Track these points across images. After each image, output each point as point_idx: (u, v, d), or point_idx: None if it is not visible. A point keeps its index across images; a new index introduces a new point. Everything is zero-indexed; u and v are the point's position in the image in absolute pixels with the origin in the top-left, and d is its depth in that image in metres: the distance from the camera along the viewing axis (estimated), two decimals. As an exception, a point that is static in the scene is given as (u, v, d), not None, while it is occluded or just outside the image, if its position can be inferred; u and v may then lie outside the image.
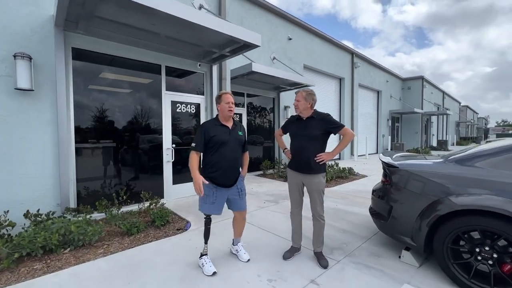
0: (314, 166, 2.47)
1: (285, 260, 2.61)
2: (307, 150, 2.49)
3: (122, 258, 2.68)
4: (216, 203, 2.41)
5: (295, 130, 2.62)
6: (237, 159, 2.49)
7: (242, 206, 2.55)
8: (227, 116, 2.44)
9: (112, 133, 4.24)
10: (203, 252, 2.53)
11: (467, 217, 2.09)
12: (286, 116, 8.71)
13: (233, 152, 2.42)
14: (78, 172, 3.86)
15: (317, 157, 2.47)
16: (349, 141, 2.52)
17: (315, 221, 2.59)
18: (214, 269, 2.38)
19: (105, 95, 4.17)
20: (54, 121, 3.53)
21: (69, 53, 3.70)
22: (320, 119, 2.51)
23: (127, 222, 3.28)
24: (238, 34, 3.92)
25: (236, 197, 2.50)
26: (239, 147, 2.50)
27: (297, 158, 2.58)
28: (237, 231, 2.71)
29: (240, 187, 2.52)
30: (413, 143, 17.96)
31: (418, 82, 18.42)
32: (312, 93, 2.53)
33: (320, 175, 2.51)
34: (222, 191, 2.43)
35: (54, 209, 3.41)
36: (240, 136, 2.51)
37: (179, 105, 5.04)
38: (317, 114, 2.55)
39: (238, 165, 2.52)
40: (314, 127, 2.49)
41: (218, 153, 2.36)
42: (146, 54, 4.49)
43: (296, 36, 9.16)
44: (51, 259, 2.64)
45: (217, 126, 2.42)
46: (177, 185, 5.00)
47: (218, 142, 2.35)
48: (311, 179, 2.51)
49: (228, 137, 2.40)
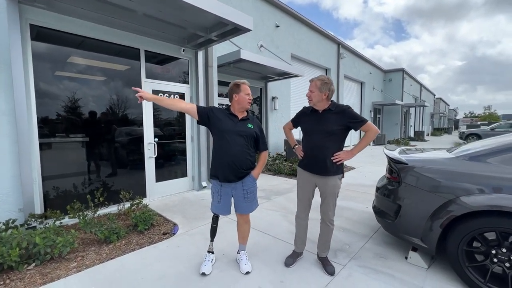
0: (331, 166, 2.16)
1: (288, 267, 2.37)
2: (324, 148, 2.16)
3: (100, 273, 2.30)
4: (221, 202, 2.20)
5: (310, 125, 2.27)
6: (242, 154, 2.13)
7: (244, 209, 2.27)
8: (244, 108, 2.21)
9: (84, 126, 3.71)
10: (208, 249, 2.41)
11: (487, 218, 1.95)
12: (274, 107, 8.42)
13: (236, 144, 2.10)
14: (44, 171, 3.33)
15: (334, 156, 2.15)
16: (373, 138, 2.18)
17: (323, 225, 2.34)
18: (205, 270, 2.23)
19: (76, 83, 3.60)
20: (11, 112, 2.96)
21: (26, 30, 3.11)
22: (339, 112, 2.15)
23: (104, 228, 2.87)
24: (227, 15, 3.50)
25: (241, 199, 2.22)
26: (245, 142, 2.15)
27: (312, 158, 2.24)
28: (240, 235, 2.43)
29: (246, 188, 2.21)
30: (394, 134, 18.50)
31: (399, 74, 18.83)
32: (328, 81, 2.15)
33: (336, 177, 2.21)
34: (227, 189, 2.19)
35: (15, 216, 2.92)
36: (248, 129, 2.18)
37: (161, 95, 4.56)
38: (335, 106, 2.19)
39: (243, 161, 2.14)
40: (332, 121, 2.14)
41: (220, 144, 2.16)
42: (122, 36, 3.95)
43: (284, 23, 8.79)
44: (11, 278, 2.20)
45: (226, 114, 2.21)
46: (161, 183, 4.58)
47: (220, 130, 2.14)
48: (326, 181, 2.20)
49: (232, 126, 2.14)
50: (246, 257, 2.40)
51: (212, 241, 2.40)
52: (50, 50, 3.38)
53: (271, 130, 8.52)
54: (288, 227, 3.27)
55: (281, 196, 4.66)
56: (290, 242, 2.80)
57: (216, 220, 2.38)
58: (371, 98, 16.60)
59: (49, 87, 3.38)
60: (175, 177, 4.85)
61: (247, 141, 2.16)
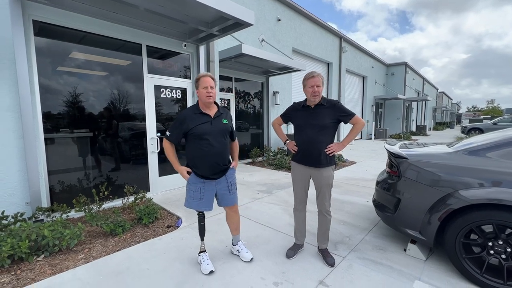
0: (324, 158, 2.26)
1: (289, 258, 2.43)
2: (318, 142, 2.24)
3: (107, 264, 2.37)
4: (204, 198, 2.19)
5: (302, 120, 2.33)
6: (223, 151, 2.19)
7: (232, 201, 2.34)
8: (206, 103, 2.14)
9: (88, 121, 3.76)
10: (200, 249, 2.36)
11: (484, 211, 1.99)
12: (275, 102, 8.42)
13: (217, 143, 2.13)
14: (50, 165, 3.40)
15: (327, 148, 2.25)
16: (360, 130, 2.32)
17: (321, 216, 2.41)
18: (211, 268, 2.22)
19: (78, 78, 3.63)
20: (16, 107, 3.01)
21: (29, 26, 3.12)
22: (331, 107, 2.27)
23: (110, 221, 2.95)
24: (228, 9, 3.50)
25: (225, 192, 2.27)
26: (224, 138, 2.20)
27: (306, 152, 2.31)
28: (232, 227, 2.48)
29: (230, 180, 2.28)
30: (395, 128, 18.46)
31: (402, 68, 18.66)
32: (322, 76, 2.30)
33: (330, 167, 2.31)
34: (210, 185, 2.20)
35: (23, 209, 2.99)
36: (224, 125, 2.20)
37: (163, 90, 4.59)
38: (326, 101, 2.29)
39: (225, 157, 2.24)
40: (324, 115, 2.24)
41: (200, 147, 2.10)
42: (124, 31, 3.95)
43: (285, 17, 8.71)
44: (22, 269, 2.28)
45: (197, 116, 2.12)
46: (164, 177, 4.65)
47: (199, 135, 2.08)
48: (320, 172, 2.29)
49: (210, 128, 2.11)
50: (244, 246, 2.49)
51: (203, 240, 2.38)
52: (53, 45, 3.39)
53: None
54: (289, 220, 3.33)
55: (282, 190, 4.72)
56: (290, 234, 2.86)
57: (203, 218, 2.35)
58: (373, 92, 16.50)
59: (53, 83, 3.42)
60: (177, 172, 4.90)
61: (225, 137, 2.21)
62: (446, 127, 32.86)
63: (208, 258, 2.32)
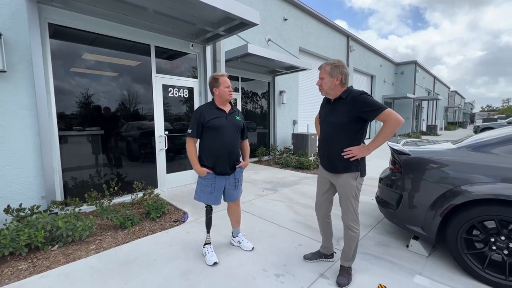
0: (339, 163, 1.93)
1: (304, 260, 2.35)
2: (330, 142, 1.97)
3: (117, 254, 2.49)
4: (214, 193, 2.32)
5: (323, 116, 2.09)
6: (235, 145, 2.34)
7: (236, 196, 2.47)
8: (226, 100, 2.31)
9: (99, 119, 3.91)
10: (206, 241, 2.47)
11: (486, 206, 1.99)
12: (281, 101, 8.46)
13: (230, 137, 2.27)
14: (64, 162, 3.56)
15: (345, 151, 1.89)
16: (394, 129, 1.78)
17: (344, 229, 2.06)
18: (215, 259, 2.32)
19: (90, 78, 3.79)
20: (33, 106, 3.17)
21: (45, 29, 3.29)
22: (350, 100, 1.85)
23: (119, 215, 3.07)
24: (234, 10, 3.58)
25: (232, 188, 2.41)
26: (237, 133, 2.34)
27: (321, 153, 2.10)
28: (233, 219, 2.60)
29: (238, 177, 2.43)
30: (405, 128, 18.14)
31: (411, 67, 18.36)
32: (338, 64, 1.88)
33: (348, 175, 1.92)
34: (220, 181, 2.32)
35: (38, 203, 3.15)
36: (238, 121, 2.35)
37: (171, 89, 4.71)
38: (347, 94, 1.88)
39: (237, 152, 2.37)
40: (341, 112, 1.88)
41: (214, 139, 2.24)
42: (133, 33, 4.09)
43: (291, 17, 8.74)
44: (38, 257, 2.42)
45: (214, 110, 2.28)
46: (171, 174, 4.77)
47: (215, 127, 2.21)
48: (337, 179, 1.98)
49: (225, 122, 2.26)
50: (245, 237, 2.63)
51: (209, 232, 2.47)
52: (66, 47, 3.56)
53: (278, 124, 8.57)
54: (293, 216, 3.39)
55: (287, 188, 4.76)
56: (294, 230, 2.92)
57: (210, 211, 2.45)
58: (381, 91, 16.31)
59: (66, 83, 3.58)
60: (184, 169, 5.03)
61: (238, 132, 2.35)
62: (459, 126, 32.05)
63: (212, 250, 2.40)
